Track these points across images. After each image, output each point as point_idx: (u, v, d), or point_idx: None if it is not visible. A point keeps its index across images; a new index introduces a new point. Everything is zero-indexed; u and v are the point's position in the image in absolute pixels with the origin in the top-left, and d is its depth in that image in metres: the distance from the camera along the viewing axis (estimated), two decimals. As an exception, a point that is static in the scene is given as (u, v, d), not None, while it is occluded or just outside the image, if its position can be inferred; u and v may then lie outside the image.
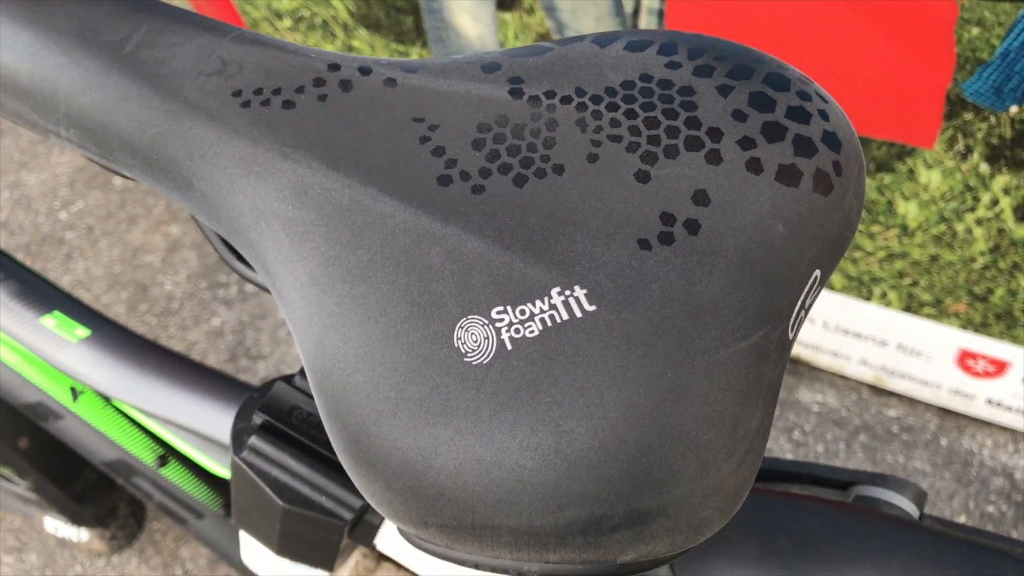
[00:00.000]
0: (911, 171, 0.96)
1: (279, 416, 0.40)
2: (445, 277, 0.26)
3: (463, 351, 0.26)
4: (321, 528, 0.40)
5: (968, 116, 0.87)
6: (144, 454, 0.85)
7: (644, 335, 0.25)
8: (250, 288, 1.77)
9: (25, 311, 0.67)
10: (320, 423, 0.40)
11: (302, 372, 0.41)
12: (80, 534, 1.36)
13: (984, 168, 0.91)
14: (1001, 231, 0.97)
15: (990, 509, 1.35)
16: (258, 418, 0.40)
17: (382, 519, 0.41)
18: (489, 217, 0.26)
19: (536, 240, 0.26)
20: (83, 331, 0.67)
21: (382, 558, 0.57)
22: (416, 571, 0.43)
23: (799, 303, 0.27)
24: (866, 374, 1.34)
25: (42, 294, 0.68)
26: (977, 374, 1.21)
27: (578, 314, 0.25)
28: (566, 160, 0.27)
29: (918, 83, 0.86)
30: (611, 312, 0.25)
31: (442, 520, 0.27)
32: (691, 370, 0.25)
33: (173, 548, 1.51)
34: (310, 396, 0.40)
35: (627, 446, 0.25)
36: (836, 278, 1.17)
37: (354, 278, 0.27)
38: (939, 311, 1.13)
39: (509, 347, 0.25)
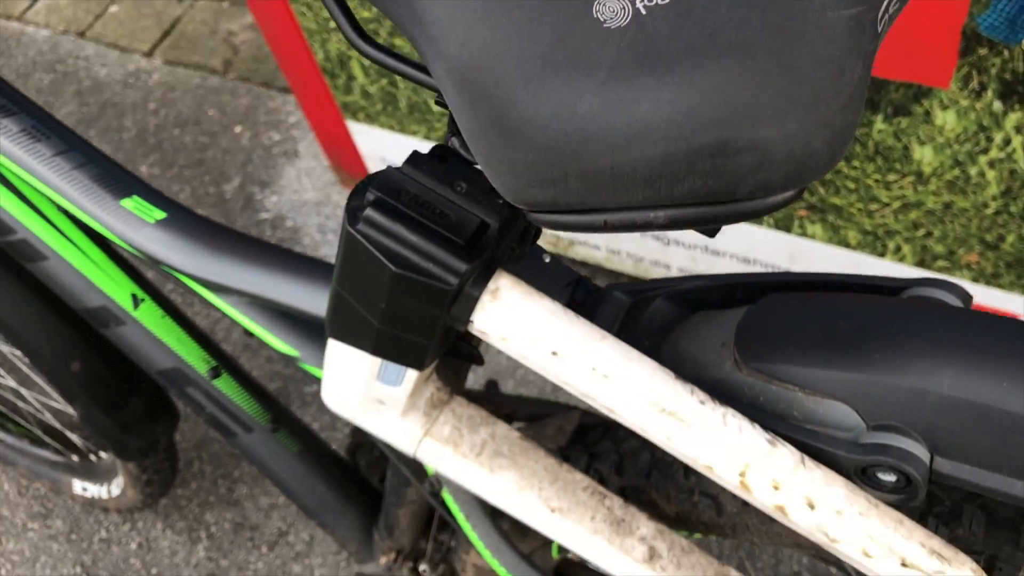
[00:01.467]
0: (927, 113, 1.01)
1: (390, 194, 0.44)
2: None
3: (602, 19, 0.30)
4: (427, 296, 0.44)
5: (982, 52, 0.92)
6: (199, 364, 0.89)
7: None
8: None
9: (105, 194, 0.71)
10: (427, 201, 0.44)
11: (407, 161, 0.45)
12: (111, 489, 1.38)
13: (997, 106, 0.96)
14: (1013, 172, 1.02)
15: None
16: (371, 195, 0.44)
17: (480, 292, 0.45)
18: None
19: None
20: (160, 214, 0.71)
21: (454, 393, 0.60)
22: (504, 347, 0.46)
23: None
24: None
25: (121, 179, 0.72)
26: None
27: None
28: None
29: (935, 19, 0.91)
30: None
31: (583, 165, 0.31)
32: (805, 21, 0.29)
33: (198, 513, 1.54)
34: (416, 182, 0.45)
35: (751, 77, 0.29)
36: (851, 234, 1.22)
37: None
38: (952, 263, 1.18)
39: (643, 12, 0.30)
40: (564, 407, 0.73)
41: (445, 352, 0.59)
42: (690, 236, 1.40)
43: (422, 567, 0.97)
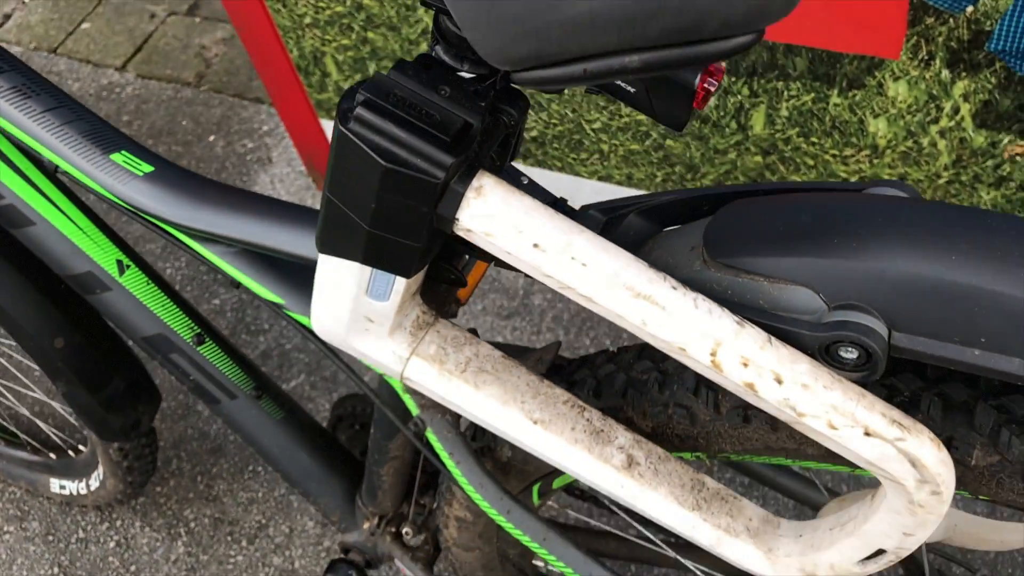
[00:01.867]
0: (880, 84, 1.06)
1: (379, 95, 0.47)
2: None
3: None
4: (414, 191, 0.47)
5: (929, 21, 0.97)
6: (184, 330, 0.91)
7: None
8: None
9: (95, 148, 0.73)
10: (413, 103, 0.47)
11: (393, 68, 0.48)
12: (90, 483, 1.39)
13: (946, 74, 1.01)
14: (963, 141, 1.07)
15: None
16: (361, 96, 0.47)
17: (465, 188, 0.48)
18: None
19: None
20: (147, 167, 0.74)
21: (439, 316, 0.63)
22: (488, 244, 0.49)
23: None
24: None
25: (110, 134, 0.74)
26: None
27: None
28: None
29: (884, -9, 0.96)
30: None
31: (564, 13, 0.34)
32: None
33: (177, 510, 1.54)
34: (403, 86, 0.48)
35: None
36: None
37: None
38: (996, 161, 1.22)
39: None
40: (542, 350, 0.76)
41: (429, 277, 0.62)
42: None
43: (405, 529, 0.99)
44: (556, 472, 0.77)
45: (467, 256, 0.61)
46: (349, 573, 1.02)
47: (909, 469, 0.48)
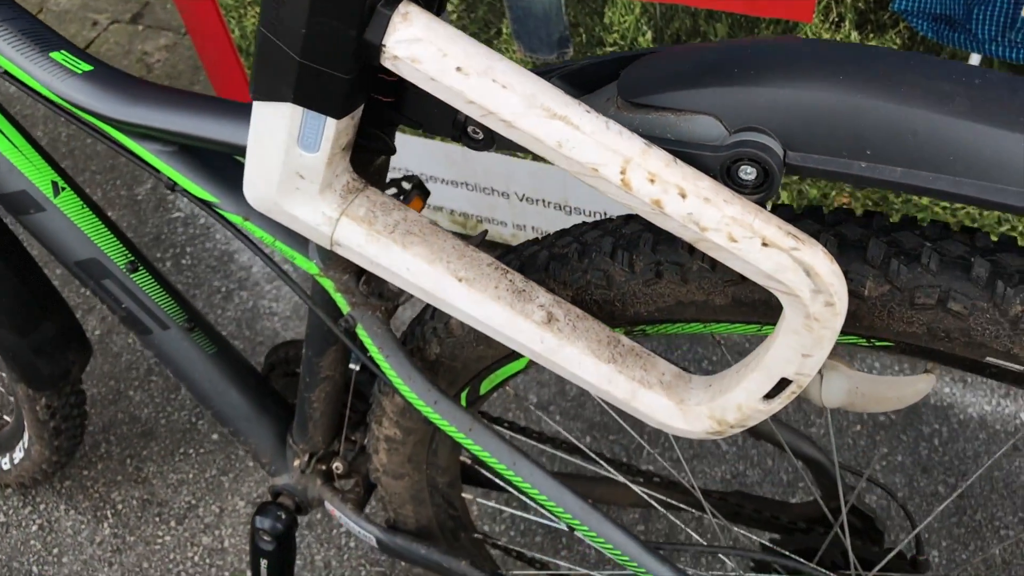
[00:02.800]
0: (795, 49, 1.12)
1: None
2: None
3: None
4: (343, 11, 0.50)
5: (838, -18, 1.04)
6: (117, 256, 0.92)
7: None
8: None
9: (34, 46, 0.75)
10: None
11: None
12: (14, 456, 1.36)
13: (855, 35, 1.08)
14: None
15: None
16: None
17: (392, 11, 0.51)
18: None
19: None
20: (86, 67, 0.76)
21: (369, 182, 0.66)
22: (414, 74, 0.52)
23: None
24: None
25: (49, 35, 0.76)
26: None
27: None
28: None
29: (796, -47, 1.03)
30: None
31: None
32: None
33: (104, 492, 1.51)
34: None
35: None
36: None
37: None
38: (827, 206, 1.28)
39: None
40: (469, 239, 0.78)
41: (359, 146, 0.64)
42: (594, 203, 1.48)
43: (335, 465, 0.99)
44: (483, 374, 0.79)
45: (394, 123, 0.64)
46: (278, 515, 1.02)
47: (804, 279, 0.51)
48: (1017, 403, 1.48)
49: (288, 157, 0.59)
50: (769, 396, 0.58)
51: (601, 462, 0.90)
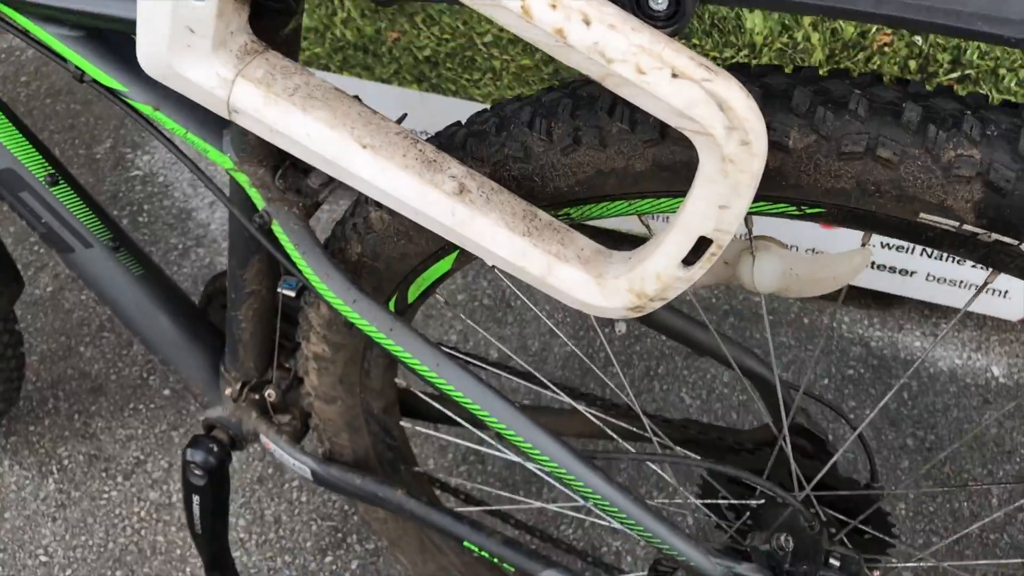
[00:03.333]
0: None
1: None
2: None
3: None
4: None
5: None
6: (36, 168, 0.88)
7: None
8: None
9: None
10: None
11: None
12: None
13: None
14: (834, 32, 1.10)
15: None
16: None
17: None
18: None
19: None
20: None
21: (269, 45, 0.61)
22: None
23: None
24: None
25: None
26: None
27: None
28: None
29: None
30: None
31: None
32: None
33: (50, 448, 1.47)
34: None
35: None
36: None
37: None
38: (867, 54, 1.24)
39: None
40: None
41: (257, 6, 0.60)
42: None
43: (267, 392, 0.95)
44: (409, 278, 0.75)
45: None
46: (210, 447, 0.97)
47: (717, 115, 0.47)
48: (988, 356, 1.45)
49: (176, 6, 0.55)
50: (689, 262, 0.54)
51: (545, 381, 0.86)
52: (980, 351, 1.45)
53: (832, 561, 0.72)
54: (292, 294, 0.86)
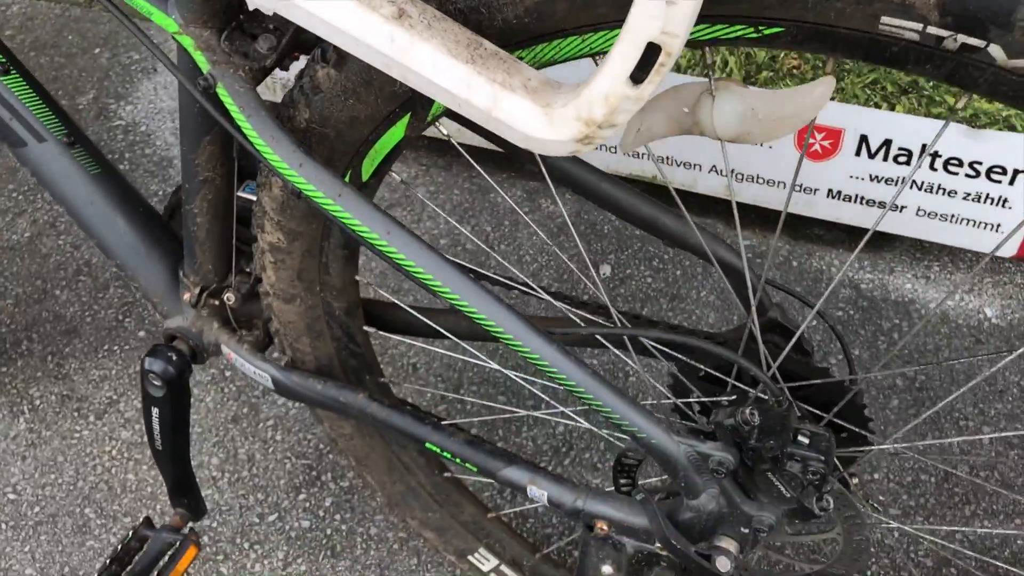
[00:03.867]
0: None
1: None
2: None
3: None
4: None
5: None
6: (-16, 55, 0.85)
7: None
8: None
9: None
10: None
11: None
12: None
13: None
14: (748, 56, 1.07)
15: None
16: None
17: None
18: None
19: None
20: None
21: None
22: None
23: None
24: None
25: None
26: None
27: None
28: None
29: None
30: None
31: None
32: None
33: (22, 388, 1.44)
34: None
35: None
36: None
37: None
38: (775, 73, 1.21)
39: None
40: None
41: None
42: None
43: (227, 295, 0.92)
44: (362, 151, 0.72)
45: None
46: (169, 356, 0.94)
47: None
48: (981, 298, 1.41)
49: None
50: (638, 80, 0.51)
51: (510, 276, 0.83)
52: (972, 292, 1.41)
53: (801, 438, 0.68)
54: (252, 197, 0.83)
